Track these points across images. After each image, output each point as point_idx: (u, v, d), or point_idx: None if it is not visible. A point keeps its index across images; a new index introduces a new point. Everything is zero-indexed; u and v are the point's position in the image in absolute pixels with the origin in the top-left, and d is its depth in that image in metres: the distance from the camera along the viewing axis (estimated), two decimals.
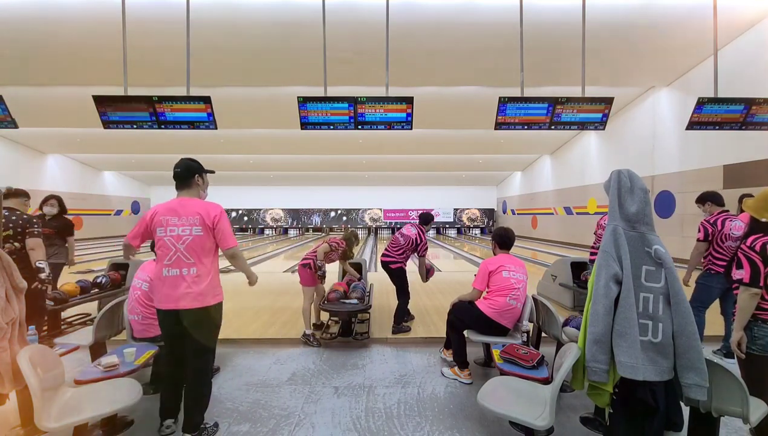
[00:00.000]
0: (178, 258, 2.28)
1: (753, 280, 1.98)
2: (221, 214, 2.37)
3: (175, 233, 2.28)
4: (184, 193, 2.42)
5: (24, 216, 3.44)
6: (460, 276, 8.08)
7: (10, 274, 2.13)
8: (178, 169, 2.41)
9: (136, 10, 5.16)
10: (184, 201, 2.37)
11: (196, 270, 2.29)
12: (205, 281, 2.30)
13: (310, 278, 4.01)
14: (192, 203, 2.36)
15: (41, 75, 8.35)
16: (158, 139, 13.46)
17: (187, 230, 2.29)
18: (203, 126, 4.50)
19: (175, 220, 2.30)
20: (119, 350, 2.73)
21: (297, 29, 6.52)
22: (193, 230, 2.29)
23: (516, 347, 2.69)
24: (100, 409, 2.09)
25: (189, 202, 2.36)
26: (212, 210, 2.35)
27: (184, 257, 2.28)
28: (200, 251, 2.30)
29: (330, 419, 2.60)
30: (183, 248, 2.28)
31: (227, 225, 2.36)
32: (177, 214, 2.31)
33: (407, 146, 15.06)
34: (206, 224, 2.31)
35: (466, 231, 24.19)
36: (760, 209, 2.10)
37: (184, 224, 2.29)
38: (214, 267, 2.40)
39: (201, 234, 2.30)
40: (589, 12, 4.73)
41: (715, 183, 8.32)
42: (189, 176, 2.42)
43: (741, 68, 7.33)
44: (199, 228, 2.30)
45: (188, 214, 2.30)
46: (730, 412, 1.81)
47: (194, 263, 2.29)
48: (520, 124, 4.70)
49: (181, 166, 2.42)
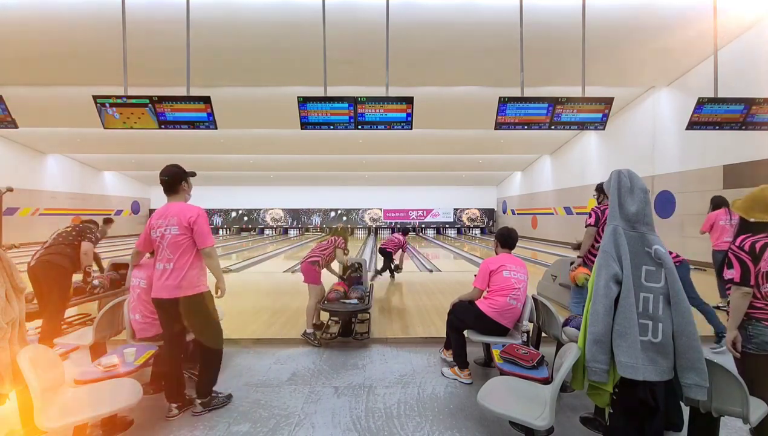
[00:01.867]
0: (164, 255, 2.60)
1: (743, 279, 2.00)
2: (198, 217, 2.61)
3: (160, 233, 2.62)
4: (172, 198, 2.71)
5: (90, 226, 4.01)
6: (460, 276, 8.08)
7: (10, 274, 2.13)
8: (166, 178, 2.68)
9: (136, 10, 5.16)
10: (170, 205, 2.67)
11: (174, 265, 2.58)
12: (181, 274, 2.57)
13: (317, 275, 4.06)
14: (173, 207, 2.64)
15: (41, 75, 8.35)
16: (158, 139, 13.48)
17: (168, 229, 2.59)
18: (203, 126, 4.50)
19: (161, 221, 2.62)
20: (119, 350, 2.73)
21: (297, 29, 6.52)
22: (171, 229, 2.59)
23: (516, 347, 2.69)
24: (100, 409, 2.09)
25: (172, 206, 2.65)
26: (189, 212, 2.61)
27: (167, 253, 2.60)
28: (176, 249, 2.58)
29: (330, 419, 2.60)
30: (165, 245, 2.59)
31: (204, 227, 2.63)
32: (163, 216, 2.63)
33: (407, 146, 15.06)
34: (182, 224, 2.57)
35: (466, 231, 24.17)
36: (748, 209, 2.14)
37: (166, 224, 2.60)
38: (192, 263, 2.62)
39: (177, 233, 2.58)
40: (589, 12, 4.73)
41: (715, 183, 8.32)
42: (176, 183, 2.69)
43: (741, 68, 7.33)
44: (175, 228, 2.58)
45: (169, 216, 2.61)
46: (730, 412, 1.81)
47: (172, 259, 2.58)
48: (520, 124, 4.70)
49: (168, 174, 2.68)
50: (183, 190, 2.72)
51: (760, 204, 2.10)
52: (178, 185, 2.69)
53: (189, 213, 2.59)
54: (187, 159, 13.19)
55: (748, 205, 2.14)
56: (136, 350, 2.66)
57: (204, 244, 2.61)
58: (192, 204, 2.70)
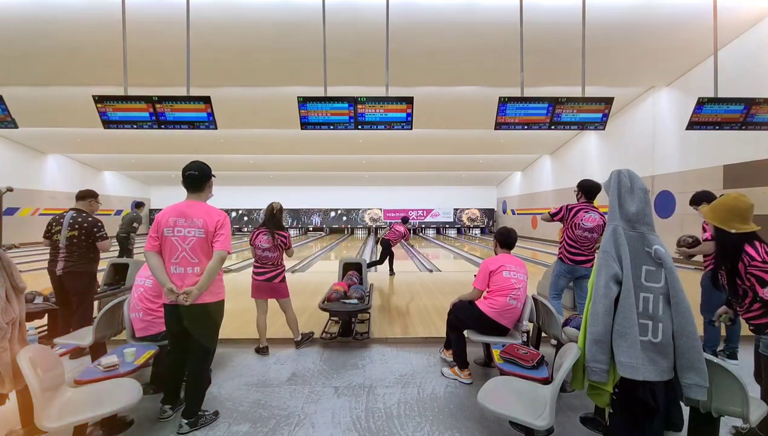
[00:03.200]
0: (184, 257, 2.42)
1: None
2: (225, 219, 2.50)
3: (182, 234, 2.42)
4: (195, 196, 2.54)
5: (89, 219, 3.76)
6: (460, 276, 8.08)
7: (10, 274, 2.12)
8: (195, 172, 2.51)
9: (136, 10, 5.15)
10: (192, 204, 2.49)
11: (199, 269, 2.42)
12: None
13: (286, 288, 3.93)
14: (197, 207, 2.48)
15: (41, 75, 8.35)
16: (158, 139, 13.48)
17: (192, 231, 2.42)
18: (203, 126, 4.50)
19: (182, 221, 2.43)
20: (119, 350, 2.73)
21: (297, 29, 6.52)
22: (196, 232, 2.42)
23: (516, 347, 2.69)
24: (100, 409, 2.09)
25: (195, 206, 2.48)
26: (216, 216, 2.47)
27: (189, 256, 2.42)
28: (201, 252, 2.44)
29: (330, 419, 2.60)
30: (188, 248, 2.42)
31: (228, 232, 2.49)
32: (184, 216, 2.44)
33: (407, 146, 15.05)
34: (209, 228, 2.43)
35: (466, 231, 24.18)
36: (726, 221, 2.07)
37: (189, 226, 2.42)
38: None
39: (203, 237, 2.42)
40: (589, 12, 4.73)
41: (715, 183, 8.31)
42: (204, 181, 2.54)
43: (741, 68, 7.33)
44: (201, 230, 2.42)
45: (193, 217, 2.43)
46: (730, 412, 1.81)
47: (198, 263, 2.43)
48: (520, 124, 4.70)
49: (197, 169, 2.52)
50: (208, 189, 2.59)
51: (737, 215, 2.04)
52: (205, 183, 2.55)
53: (216, 217, 2.46)
54: (187, 159, 13.10)
55: (725, 216, 2.06)
56: (136, 350, 2.65)
57: (222, 247, 2.43)
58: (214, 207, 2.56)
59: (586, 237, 3.76)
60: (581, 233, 3.75)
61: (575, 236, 3.79)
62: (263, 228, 3.84)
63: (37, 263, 10.40)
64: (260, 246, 3.77)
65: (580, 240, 3.78)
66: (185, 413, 2.47)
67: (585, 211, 3.77)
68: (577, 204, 3.90)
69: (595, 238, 3.75)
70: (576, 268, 3.84)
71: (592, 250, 3.81)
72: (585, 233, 3.75)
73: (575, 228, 3.77)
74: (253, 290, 3.85)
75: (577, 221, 3.76)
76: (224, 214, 2.53)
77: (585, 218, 3.75)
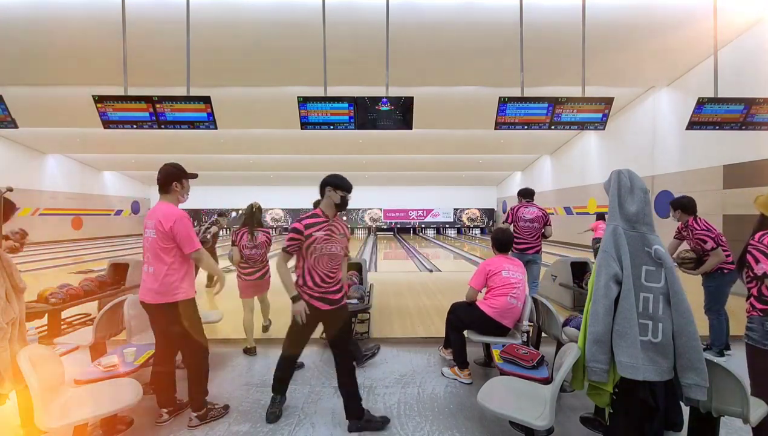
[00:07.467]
0: (147, 257, 2.54)
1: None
2: (176, 222, 2.45)
3: (146, 235, 2.54)
4: (163, 198, 2.60)
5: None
6: (460, 276, 8.07)
7: (10, 274, 2.13)
8: (159, 175, 2.59)
9: (136, 10, 5.15)
10: (157, 206, 2.57)
11: (153, 269, 2.48)
12: (158, 279, 2.46)
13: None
14: (158, 208, 2.54)
15: (41, 75, 8.34)
16: (158, 139, 13.47)
17: (148, 232, 2.51)
18: (203, 126, 4.50)
19: (148, 222, 2.54)
20: (119, 350, 2.73)
21: (297, 29, 6.51)
22: (150, 233, 2.50)
23: (516, 347, 2.69)
24: (100, 409, 2.09)
25: (158, 208, 2.54)
26: (169, 217, 2.45)
27: (148, 256, 2.52)
28: (152, 253, 2.49)
29: (330, 419, 2.60)
30: (148, 247, 2.52)
31: (185, 231, 2.46)
32: (149, 217, 2.54)
33: (407, 146, 15.05)
34: (159, 229, 2.45)
35: (466, 231, 24.18)
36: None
37: (149, 227, 2.52)
38: (169, 270, 2.47)
39: (155, 237, 2.47)
40: (589, 12, 4.72)
41: (715, 183, 8.31)
42: (167, 183, 2.57)
43: (741, 68, 7.32)
44: (154, 231, 2.48)
45: (152, 218, 2.50)
46: (730, 412, 1.81)
47: (152, 263, 2.49)
48: (520, 124, 4.70)
49: (161, 172, 2.58)
50: (175, 191, 2.57)
51: None
52: (170, 185, 2.56)
53: (167, 220, 2.42)
54: (187, 159, 13.13)
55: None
56: (136, 350, 2.66)
57: (189, 249, 2.47)
58: (175, 207, 2.55)
59: (528, 227, 4.49)
60: (524, 224, 4.50)
61: (520, 229, 4.51)
62: (245, 228, 3.95)
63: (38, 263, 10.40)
64: (247, 245, 3.87)
65: (524, 230, 4.50)
66: (192, 406, 2.55)
67: (525, 207, 4.58)
68: (520, 204, 4.67)
69: (537, 227, 4.48)
70: (522, 255, 4.43)
71: (536, 238, 4.50)
72: (527, 224, 4.49)
73: (519, 221, 4.53)
74: (244, 290, 3.91)
75: (520, 215, 4.53)
76: (176, 216, 2.46)
77: (525, 212, 4.53)
